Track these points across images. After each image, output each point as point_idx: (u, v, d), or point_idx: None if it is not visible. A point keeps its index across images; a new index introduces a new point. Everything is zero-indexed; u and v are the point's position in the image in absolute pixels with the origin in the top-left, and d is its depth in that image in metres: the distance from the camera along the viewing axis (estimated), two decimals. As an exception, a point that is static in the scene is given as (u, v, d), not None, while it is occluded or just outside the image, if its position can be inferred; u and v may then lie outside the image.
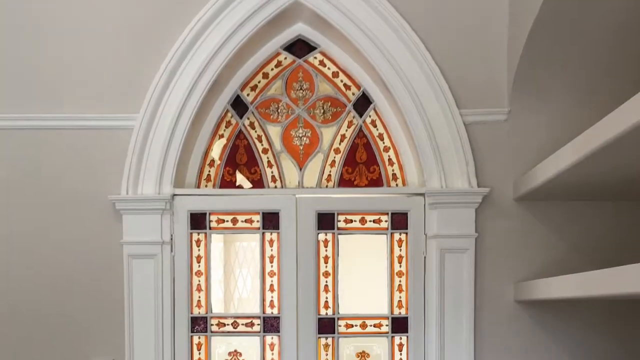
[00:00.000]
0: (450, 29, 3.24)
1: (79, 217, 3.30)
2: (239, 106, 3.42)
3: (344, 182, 3.41)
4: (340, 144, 3.42)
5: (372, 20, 3.20)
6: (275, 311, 3.35)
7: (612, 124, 2.11)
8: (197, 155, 3.40)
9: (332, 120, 3.42)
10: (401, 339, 3.36)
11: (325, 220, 3.35)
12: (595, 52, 2.92)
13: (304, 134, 3.42)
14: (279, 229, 3.34)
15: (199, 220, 3.35)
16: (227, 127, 3.42)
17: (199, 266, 3.36)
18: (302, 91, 3.42)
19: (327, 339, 3.36)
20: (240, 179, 3.42)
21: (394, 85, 3.23)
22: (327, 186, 3.41)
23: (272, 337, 3.37)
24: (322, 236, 3.35)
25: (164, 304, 3.29)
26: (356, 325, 3.37)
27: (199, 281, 3.36)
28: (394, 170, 3.40)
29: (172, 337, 3.30)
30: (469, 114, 3.24)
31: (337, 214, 3.34)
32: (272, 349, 3.36)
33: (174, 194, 3.29)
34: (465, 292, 3.25)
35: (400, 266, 3.34)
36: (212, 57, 3.24)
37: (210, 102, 3.36)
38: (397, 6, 3.21)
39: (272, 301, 3.36)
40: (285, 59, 3.41)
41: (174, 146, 3.26)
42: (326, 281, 3.34)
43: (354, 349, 3.40)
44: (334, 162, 3.41)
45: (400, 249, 3.34)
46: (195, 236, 3.36)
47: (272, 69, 3.42)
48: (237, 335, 3.39)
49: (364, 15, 3.20)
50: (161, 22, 3.27)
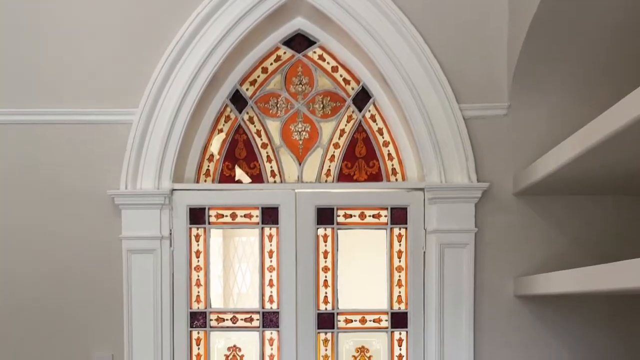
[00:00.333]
0: (449, 23, 3.24)
1: (77, 212, 3.29)
2: (238, 101, 3.41)
3: (344, 177, 3.40)
4: (339, 139, 3.41)
5: (371, 14, 3.20)
6: (274, 306, 3.35)
7: (612, 118, 2.11)
8: (196, 150, 3.39)
9: (332, 114, 3.41)
10: (401, 334, 3.35)
11: (324, 215, 3.34)
12: (594, 47, 2.91)
13: (303, 129, 3.41)
14: (278, 223, 3.33)
15: (198, 215, 3.34)
16: (226, 121, 3.41)
17: (198, 261, 3.35)
18: (301, 86, 3.41)
19: (326, 334, 3.36)
20: (239, 173, 3.41)
21: (394, 79, 3.23)
22: (326, 181, 3.40)
23: (271, 332, 3.36)
24: (321, 231, 3.34)
25: (163, 299, 3.28)
26: (355, 320, 3.36)
27: (198, 276, 3.35)
28: (393, 165, 3.39)
29: (171, 332, 3.29)
30: (468, 108, 3.23)
31: (337, 208, 3.34)
32: (271, 344, 3.36)
33: (173, 189, 3.29)
34: (464, 287, 3.25)
35: (399, 261, 3.34)
36: (211, 51, 3.22)
37: (209, 96, 3.35)
38: (396, 0, 3.20)
39: (271, 296, 3.35)
40: (284, 53, 3.40)
41: (173, 141, 3.26)
42: (325, 276, 3.34)
43: (354, 344, 3.40)
44: (333, 156, 3.40)
45: (399, 244, 3.33)
46: (194, 231, 3.35)
47: (271, 64, 3.41)
48: (237, 330, 3.38)
49: (363, 9, 3.19)
50: (160, 17, 3.26)
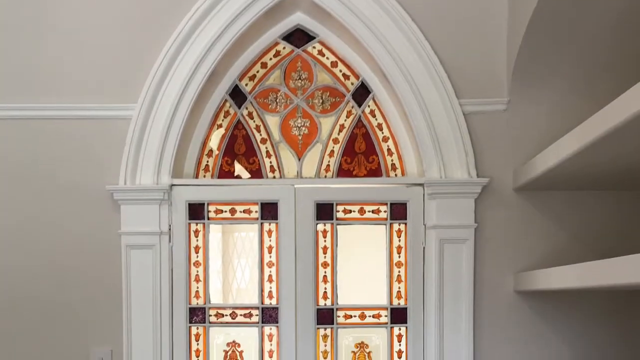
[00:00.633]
0: (449, 19, 3.23)
1: (76, 207, 3.29)
2: (237, 96, 3.41)
3: (343, 172, 3.39)
4: (339, 134, 3.40)
5: (371, 9, 3.19)
6: (273, 302, 3.35)
7: (612, 113, 2.10)
8: (195, 145, 3.38)
9: (331, 110, 3.40)
10: (400, 329, 3.35)
11: (324, 210, 3.33)
12: (593, 43, 2.91)
13: (302, 124, 3.41)
14: (277, 219, 3.33)
15: (197, 210, 3.34)
16: (225, 117, 3.41)
17: (197, 257, 3.35)
18: (300, 81, 3.40)
19: (325, 329, 3.35)
20: (238, 169, 3.40)
21: (393, 75, 3.22)
22: (325, 176, 3.39)
23: (270, 328, 3.36)
24: (320, 226, 3.34)
25: (162, 294, 3.28)
26: (355, 315, 3.36)
27: (197, 272, 3.35)
28: (393, 160, 3.39)
29: (170, 327, 3.29)
30: (468, 103, 3.23)
31: (336, 204, 3.33)
32: (270, 340, 3.36)
33: (172, 184, 3.28)
34: (464, 282, 3.24)
35: (399, 256, 3.33)
36: (211, 46, 3.22)
37: (208, 92, 3.35)
38: (396, -4, 3.21)
39: (270, 292, 3.35)
40: (283, 48, 3.39)
41: (172, 136, 3.25)
42: (325, 272, 3.33)
43: (353, 339, 3.39)
44: (332, 152, 3.40)
45: (399, 240, 3.33)
46: (193, 226, 3.34)
47: (270, 59, 3.40)
48: (236, 326, 3.38)
49: (363, 4, 3.18)
50: (159, 12, 3.25)
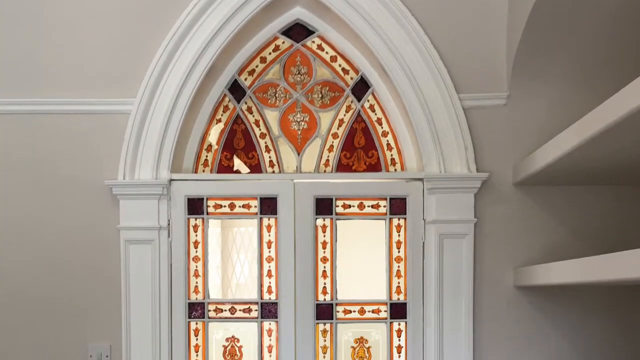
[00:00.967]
0: (449, 13, 3.22)
1: (75, 202, 3.28)
2: (236, 91, 3.40)
3: (342, 167, 3.39)
4: (338, 129, 3.40)
5: (370, 4, 3.17)
6: (273, 297, 3.34)
7: (612, 108, 2.10)
8: (194, 140, 3.37)
9: (330, 104, 3.40)
10: (400, 324, 3.34)
11: (323, 205, 3.33)
12: (593, 37, 2.90)
13: (302, 119, 3.40)
14: (276, 214, 3.32)
15: (196, 205, 3.33)
16: (224, 111, 3.40)
17: (197, 252, 3.34)
18: (300, 75, 3.40)
19: (325, 324, 3.35)
20: (237, 163, 3.40)
21: (393, 69, 3.21)
22: (325, 171, 3.39)
23: (269, 323, 3.35)
24: (320, 221, 3.33)
25: (161, 289, 3.27)
26: (354, 311, 3.36)
27: (197, 267, 3.34)
28: (392, 155, 3.38)
29: (169, 322, 3.28)
30: (468, 98, 3.22)
31: (335, 199, 3.33)
32: (269, 335, 3.35)
33: (171, 179, 3.27)
34: (464, 277, 3.24)
35: (398, 252, 3.33)
36: (210, 41, 3.21)
37: (207, 86, 3.34)
38: (396, -9, 3.20)
39: (269, 287, 3.34)
40: (283, 43, 3.38)
41: (171, 131, 3.24)
42: (324, 267, 3.33)
43: (352, 334, 3.39)
44: (332, 146, 3.39)
45: (398, 234, 3.32)
46: (192, 221, 3.34)
47: (269, 53, 3.40)
48: (235, 321, 3.37)
49: (363, -1, 3.19)
50: (158, 7, 3.25)
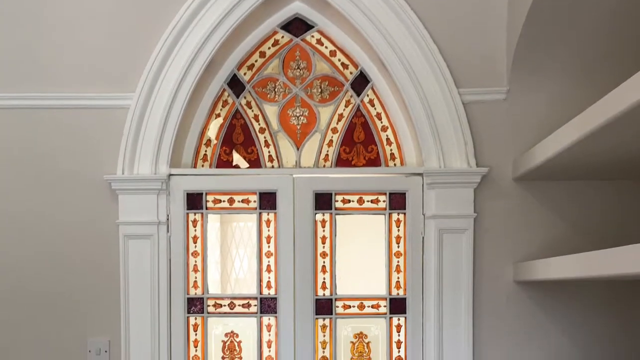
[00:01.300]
0: (449, 7, 3.21)
1: (74, 197, 3.28)
2: (235, 85, 3.39)
3: (342, 161, 3.38)
4: (337, 124, 3.39)
5: (370, -2, 3.18)
6: (272, 292, 3.34)
7: (612, 102, 2.09)
8: (193, 134, 3.37)
9: (330, 99, 3.39)
10: (399, 319, 3.34)
11: (322, 200, 3.32)
12: (593, 32, 2.89)
13: (301, 114, 3.39)
14: (276, 209, 3.31)
15: (195, 200, 3.33)
16: (223, 106, 3.39)
17: (196, 247, 3.34)
18: (299, 70, 3.39)
19: (324, 320, 3.34)
20: (236, 158, 3.39)
21: (392, 64, 3.20)
22: (324, 166, 3.38)
23: (269, 318, 3.35)
24: (319, 216, 3.33)
25: (160, 284, 3.27)
26: (354, 306, 3.35)
27: (196, 262, 3.34)
28: (392, 149, 3.37)
29: (168, 318, 3.28)
30: (467, 93, 3.21)
31: (335, 194, 3.32)
32: (269, 330, 3.35)
33: (170, 174, 3.27)
34: (463, 272, 3.23)
35: (398, 247, 3.32)
36: (209, 35, 3.20)
37: (206, 81, 3.34)
38: (395, -15, 3.19)
39: (269, 282, 3.34)
40: (282, 37, 3.38)
41: (170, 126, 3.24)
42: (323, 262, 3.32)
43: (352, 330, 3.38)
44: (331, 141, 3.38)
45: (398, 229, 3.32)
46: (191, 216, 3.33)
47: (269, 48, 3.39)
48: (234, 316, 3.37)
49: (362, -6, 3.18)
50: (157, 1, 3.24)
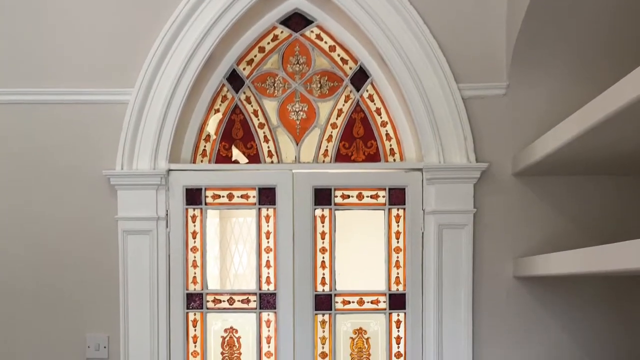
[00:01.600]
0: (448, 2, 3.21)
1: (73, 192, 3.28)
2: (235, 80, 3.38)
3: (341, 157, 3.37)
4: (337, 119, 3.38)
5: (369, -7, 3.17)
6: (271, 287, 3.33)
7: (612, 97, 2.09)
8: (192, 130, 3.36)
9: (329, 94, 3.38)
10: (399, 315, 3.34)
11: (322, 195, 3.32)
12: (593, 27, 2.89)
13: (300, 109, 3.39)
14: (275, 204, 3.31)
15: (194, 195, 3.32)
16: (222, 101, 3.39)
17: (195, 242, 3.33)
18: (298, 65, 3.38)
19: (323, 315, 3.34)
20: (236, 154, 3.39)
21: (392, 59, 3.20)
22: (323, 161, 3.38)
23: (268, 314, 3.35)
24: (318, 212, 3.32)
25: (159, 280, 3.27)
26: (353, 301, 3.35)
27: (195, 257, 3.33)
28: (391, 145, 3.37)
29: (167, 313, 3.28)
30: (467, 88, 3.21)
31: (334, 189, 3.32)
32: (268, 326, 3.35)
33: (169, 169, 3.26)
34: (463, 268, 3.23)
35: (397, 242, 3.32)
36: (208, 31, 3.20)
37: (205, 76, 3.33)
38: (395, -21, 3.18)
39: (268, 277, 3.33)
40: (281, 32, 3.37)
41: (169, 121, 3.23)
42: (323, 257, 3.32)
43: (351, 325, 3.38)
44: (330, 137, 3.38)
45: (397, 225, 3.31)
46: (190, 212, 3.33)
47: (268, 43, 3.38)
48: (233, 311, 3.37)
49: (361, -12, 3.17)
50: (156, -4, 3.25)
